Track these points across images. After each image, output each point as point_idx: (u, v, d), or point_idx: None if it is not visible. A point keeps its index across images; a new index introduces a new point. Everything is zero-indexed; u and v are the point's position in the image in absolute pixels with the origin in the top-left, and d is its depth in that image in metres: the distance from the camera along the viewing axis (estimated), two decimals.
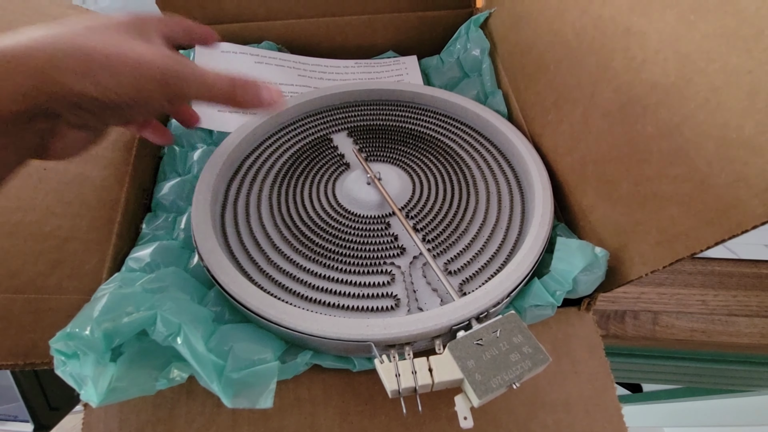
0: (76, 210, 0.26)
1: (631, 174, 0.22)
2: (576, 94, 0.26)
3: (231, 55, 0.39)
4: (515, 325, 0.20)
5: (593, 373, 0.24)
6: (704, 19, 0.18)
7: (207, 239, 0.24)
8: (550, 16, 0.28)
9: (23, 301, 0.23)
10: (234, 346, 0.21)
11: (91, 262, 0.25)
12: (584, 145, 0.25)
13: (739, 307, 0.33)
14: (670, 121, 0.19)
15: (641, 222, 0.21)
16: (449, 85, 0.39)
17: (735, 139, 0.17)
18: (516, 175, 0.30)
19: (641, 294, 0.34)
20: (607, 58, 0.23)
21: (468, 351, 0.19)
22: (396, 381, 0.18)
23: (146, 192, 0.31)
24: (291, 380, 0.22)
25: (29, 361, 0.22)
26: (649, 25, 0.20)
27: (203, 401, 0.22)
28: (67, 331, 0.19)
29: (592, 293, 0.24)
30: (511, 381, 0.18)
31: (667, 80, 0.19)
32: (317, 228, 0.27)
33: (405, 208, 0.28)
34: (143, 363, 0.20)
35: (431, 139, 0.33)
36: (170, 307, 0.20)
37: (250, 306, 0.21)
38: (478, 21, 0.38)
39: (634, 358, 0.39)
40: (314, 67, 0.41)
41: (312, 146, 0.32)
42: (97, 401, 0.18)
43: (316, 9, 0.39)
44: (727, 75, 0.17)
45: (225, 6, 0.38)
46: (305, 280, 0.24)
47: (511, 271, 0.23)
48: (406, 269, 0.25)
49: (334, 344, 0.21)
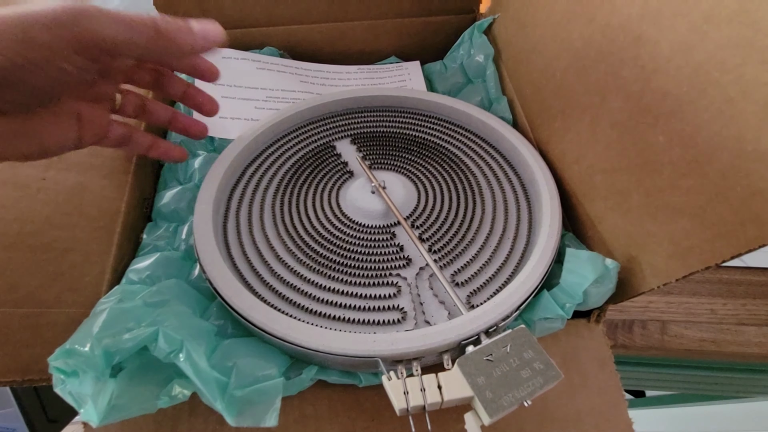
0: (75, 221, 0.26)
1: (642, 184, 0.21)
2: (584, 101, 0.25)
3: (232, 60, 0.38)
4: (525, 340, 0.19)
5: (603, 387, 0.23)
6: (717, 28, 0.18)
7: (209, 252, 0.24)
8: (556, 22, 0.28)
9: (22, 316, 0.22)
10: (237, 362, 0.20)
11: (91, 274, 0.25)
12: (592, 154, 0.25)
13: (748, 316, 0.32)
14: (682, 131, 0.19)
15: (653, 233, 0.21)
16: (453, 91, 0.39)
17: (751, 152, 0.16)
18: (522, 184, 0.30)
19: (649, 303, 0.33)
20: (616, 66, 0.23)
21: (478, 367, 0.19)
22: (404, 399, 0.18)
23: (147, 201, 0.31)
24: (296, 396, 0.22)
25: (28, 377, 0.21)
26: (660, 34, 0.20)
27: (206, 419, 0.21)
28: (67, 348, 0.18)
29: (602, 305, 0.24)
30: (523, 398, 0.18)
31: (679, 90, 0.19)
32: (321, 238, 0.27)
33: (410, 218, 0.28)
34: (144, 379, 0.20)
35: (436, 146, 0.33)
36: (172, 323, 0.19)
37: (254, 321, 0.21)
38: (481, 26, 0.38)
39: (642, 366, 0.39)
40: (316, 73, 0.40)
41: (315, 154, 0.32)
42: (98, 421, 0.18)
43: (319, 15, 0.39)
44: (742, 86, 0.17)
45: (227, 12, 0.38)
46: (309, 293, 0.24)
47: (521, 284, 0.22)
48: (413, 281, 0.25)
49: (341, 360, 0.20)
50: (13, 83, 0.16)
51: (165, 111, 0.27)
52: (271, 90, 0.37)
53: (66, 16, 0.16)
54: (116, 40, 0.17)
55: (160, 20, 0.18)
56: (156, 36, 0.18)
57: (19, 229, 0.24)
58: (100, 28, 0.17)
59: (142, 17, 0.18)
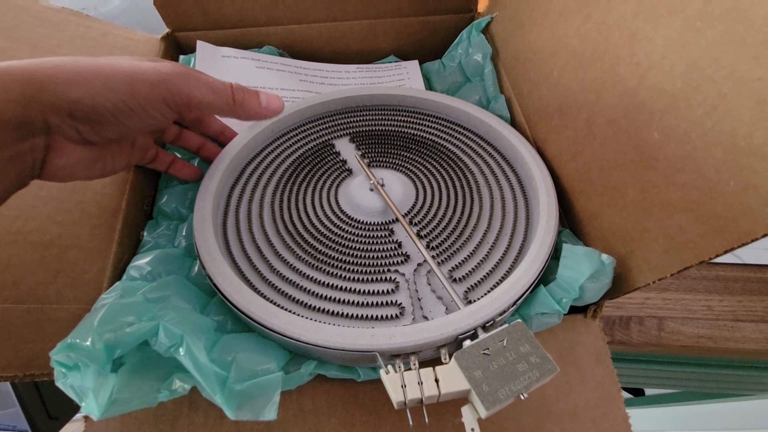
0: (76, 218, 0.26)
1: (637, 180, 0.22)
2: (580, 99, 0.26)
3: (232, 59, 0.38)
4: (522, 334, 0.20)
5: (600, 382, 0.23)
6: (711, 26, 0.18)
7: (209, 247, 0.24)
8: (553, 21, 0.28)
9: (23, 311, 0.22)
10: (237, 356, 0.20)
11: (92, 270, 0.25)
12: (589, 151, 0.25)
13: (745, 313, 0.33)
14: (677, 127, 0.19)
15: (648, 229, 0.21)
16: (451, 89, 0.39)
17: (744, 147, 0.16)
18: (520, 181, 0.30)
19: (646, 300, 0.34)
20: (612, 63, 0.23)
21: (475, 361, 0.19)
22: (402, 392, 0.18)
23: (147, 199, 0.31)
24: (294, 391, 0.22)
25: (29, 372, 0.21)
26: (655, 31, 0.20)
27: (206, 413, 0.21)
28: (68, 342, 0.19)
29: (598, 300, 0.24)
30: (519, 392, 0.18)
31: (673, 86, 0.19)
32: (320, 235, 0.27)
33: (408, 215, 0.28)
34: (145, 374, 0.20)
35: (434, 144, 0.33)
36: (172, 317, 0.20)
37: (254, 316, 0.21)
38: (479, 26, 0.38)
39: (639, 363, 0.39)
40: (315, 72, 0.41)
41: (314, 152, 0.32)
42: (99, 414, 0.18)
43: (317, 14, 0.39)
44: (735, 82, 0.17)
45: (226, 12, 0.38)
46: (308, 288, 0.24)
47: (517, 279, 0.22)
48: (411, 277, 0.25)
49: (339, 354, 0.21)
50: (111, 123, 0.19)
51: (197, 139, 0.30)
52: (271, 89, 0.37)
53: (167, 77, 0.19)
54: (201, 102, 0.21)
55: (237, 89, 0.23)
56: (232, 102, 0.23)
57: (20, 225, 0.24)
58: (190, 90, 0.20)
59: (223, 84, 0.22)
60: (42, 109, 0.17)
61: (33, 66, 0.17)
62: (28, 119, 0.17)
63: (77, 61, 0.18)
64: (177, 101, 0.20)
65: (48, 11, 0.33)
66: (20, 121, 0.17)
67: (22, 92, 0.17)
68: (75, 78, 0.18)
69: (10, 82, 0.17)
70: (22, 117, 0.17)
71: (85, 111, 0.18)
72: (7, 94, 0.16)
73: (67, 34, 0.33)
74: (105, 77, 0.18)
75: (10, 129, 0.17)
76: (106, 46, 0.34)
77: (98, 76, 0.18)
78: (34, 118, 0.17)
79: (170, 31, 0.39)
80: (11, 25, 0.30)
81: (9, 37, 0.30)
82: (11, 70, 0.17)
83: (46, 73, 0.17)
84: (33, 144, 0.18)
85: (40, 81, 0.17)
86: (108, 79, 0.18)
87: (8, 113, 0.17)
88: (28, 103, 0.17)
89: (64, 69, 0.18)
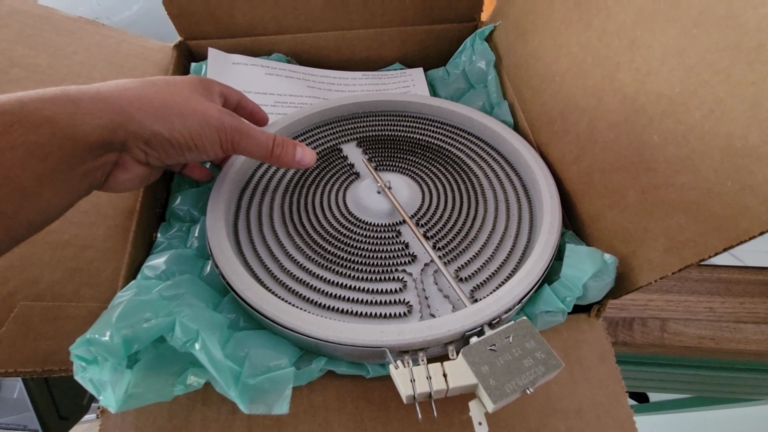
0: (92, 219, 0.27)
1: (638, 182, 0.22)
2: (582, 104, 0.26)
3: (242, 66, 0.39)
4: (527, 331, 0.20)
5: (604, 380, 0.24)
6: (707, 32, 0.19)
7: (222, 247, 0.24)
8: (555, 29, 0.29)
9: (42, 309, 0.23)
10: (250, 352, 0.21)
11: (108, 269, 0.26)
12: (591, 154, 0.26)
13: (747, 314, 0.33)
14: (675, 130, 0.20)
15: (649, 229, 0.22)
16: (455, 96, 0.40)
17: (740, 148, 0.17)
18: (523, 184, 0.31)
19: (649, 301, 0.34)
20: (612, 69, 0.24)
21: (482, 356, 0.19)
22: (411, 386, 0.19)
23: (159, 201, 0.32)
24: (305, 387, 0.22)
25: (47, 368, 0.22)
26: (654, 39, 0.21)
27: (218, 408, 0.22)
28: (87, 337, 0.19)
29: (601, 300, 0.24)
30: (525, 386, 0.18)
31: (672, 91, 0.20)
32: (329, 236, 0.27)
33: (415, 216, 0.29)
34: (160, 369, 0.20)
35: (439, 148, 0.34)
36: (188, 313, 0.20)
37: (266, 313, 0.22)
38: (483, 34, 0.39)
39: (642, 366, 0.39)
40: (323, 79, 0.42)
41: (322, 156, 0.33)
42: (116, 407, 0.19)
43: (325, 23, 0.40)
44: (730, 86, 0.18)
45: (237, 21, 0.39)
46: (318, 287, 0.25)
47: (522, 278, 0.23)
48: (418, 276, 0.25)
49: (349, 350, 0.21)
50: (177, 153, 0.23)
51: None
52: (280, 95, 0.38)
53: (227, 128, 0.23)
54: (247, 149, 0.25)
55: (278, 144, 0.26)
56: (270, 154, 0.26)
57: None
58: (241, 142, 0.24)
59: (266, 138, 0.25)
60: (126, 134, 0.20)
61: (122, 96, 0.20)
62: (113, 140, 0.20)
63: (158, 94, 0.21)
64: (229, 148, 0.24)
65: (65, 20, 0.34)
66: (104, 143, 0.19)
67: (112, 120, 0.19)
68: (159, 113, 0.21)
69: (103, 110, 0.19)
70: (107, 140, 0.19)
71: (161, 142, 0.21)
72: (99, 120, 0.19)
73: (84, 42, 0.34)
74: (183, 116, 0.22)
75: (94, 149, 0.19)
76: (120, 54, 0.36)
77: (178, 115, 0.22)
78: (115, 140, 0.20)
79: (182, 39, 0.40)
80: (30, 33, 0.31)
81: (28, 44, 0.31)
82: (102, 96, 0.19)
83: (133, 105, 0.20)
84: (106, 160, 0.20)
85: (129, 113, 0.20)
86: (186, 118, 0.22)
87: (95, 136, 0.19)
88: (116, 129, 0.20)
89: (152, 104, 0.21)
